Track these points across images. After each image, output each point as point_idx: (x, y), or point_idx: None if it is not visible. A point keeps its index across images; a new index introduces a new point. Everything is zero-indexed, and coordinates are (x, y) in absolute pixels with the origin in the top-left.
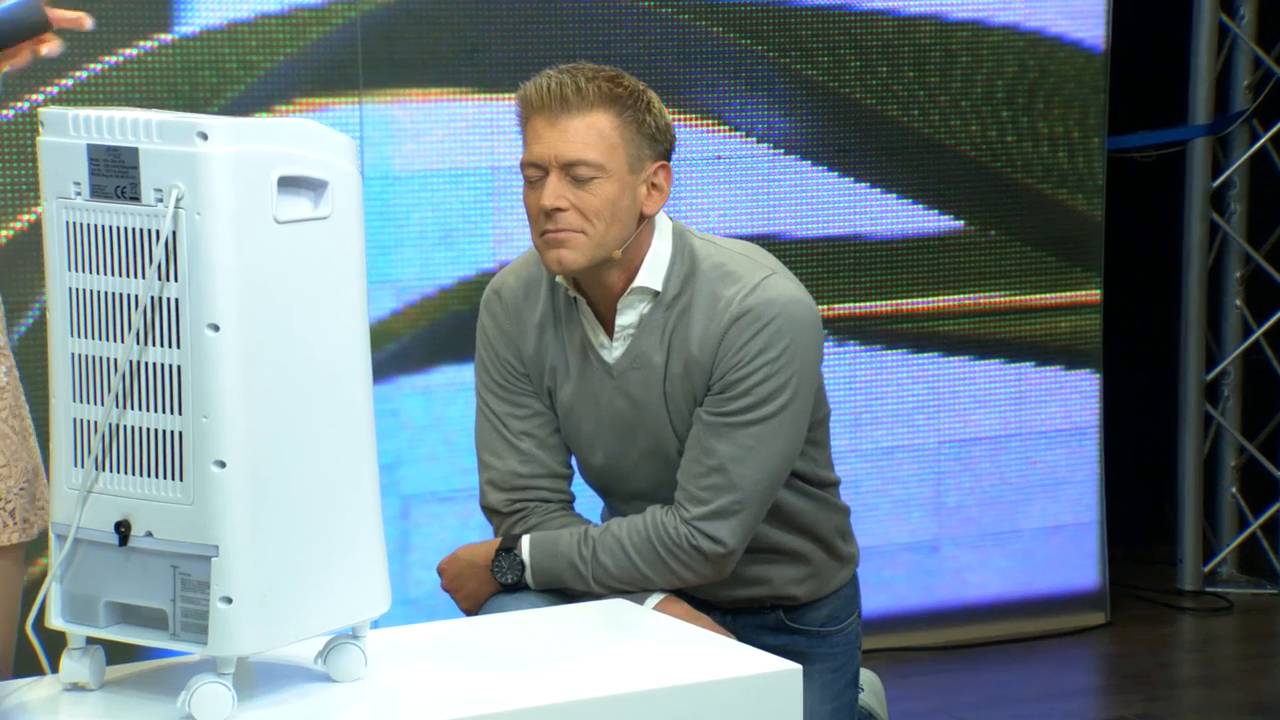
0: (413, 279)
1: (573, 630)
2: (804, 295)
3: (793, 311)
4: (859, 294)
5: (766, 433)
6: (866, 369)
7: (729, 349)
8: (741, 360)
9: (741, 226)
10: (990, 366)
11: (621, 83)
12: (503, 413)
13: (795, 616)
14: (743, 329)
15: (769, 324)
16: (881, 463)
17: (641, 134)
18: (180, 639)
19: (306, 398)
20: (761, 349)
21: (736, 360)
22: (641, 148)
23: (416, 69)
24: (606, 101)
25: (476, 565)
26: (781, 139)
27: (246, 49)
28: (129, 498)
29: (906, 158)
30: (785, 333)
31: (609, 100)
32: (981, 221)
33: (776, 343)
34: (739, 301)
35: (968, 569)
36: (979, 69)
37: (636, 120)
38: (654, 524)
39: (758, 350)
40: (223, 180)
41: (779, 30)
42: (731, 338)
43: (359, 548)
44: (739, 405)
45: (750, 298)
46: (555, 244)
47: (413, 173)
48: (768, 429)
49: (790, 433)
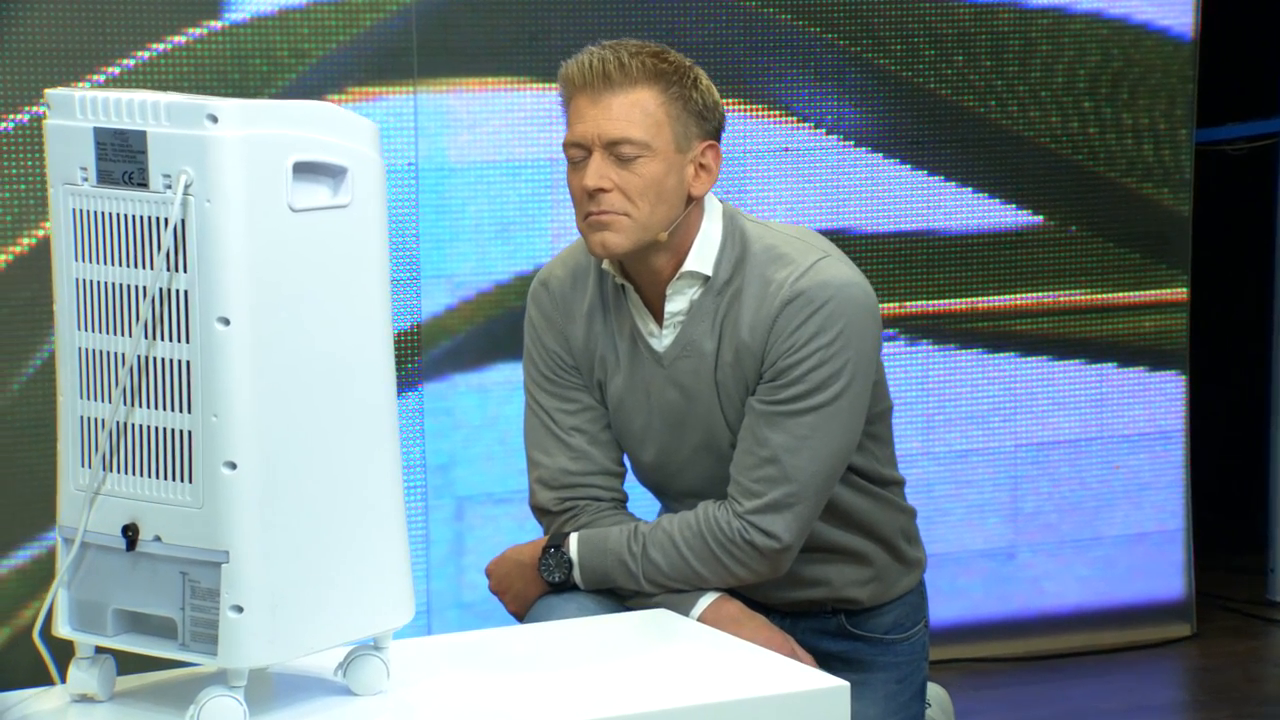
0: (468, 274)
1: (610, 641)
2: (859, 278)
3: (847, 295)
4: (932, 291)
5: (821, 421)
6: (940, 369)
7: (780, 334)
8: (794, 345)
9: (809, 220)
10: (1070, 367)
11: (667, 58)
12: (552, 407)
13: (858, 622)
14: (795, 313)
15: (822, 307)
16: (955, 466)
17: (688, 111)
18: (190, 649)
19: (323, 396)
20: (815, 333)
21: (788, 345)
22: (689, 125)
23: (473, 57)
24: (651, 77)
25: (524, 565)
26: (852, 130)
27: (299, 36)
28: (137, 500)
29: (983, 150)
30: (839, 316)
31: (654, 76)
32: (1062, 216)
33: (830, 327)
34: (790, 284)
35: (1045, 577)
36: (1060, 58)
37: (683, 96)
38: (706, 518)
39: (810, 335)
40: (234, 165)
41: (850, 18)
42: (783, 322)
43: (380, 555)
44: (792, 393)
45: (802, 280)
46: (599, 226)
47: (469, 164)
48: (822, 417)
49: (847, 422)
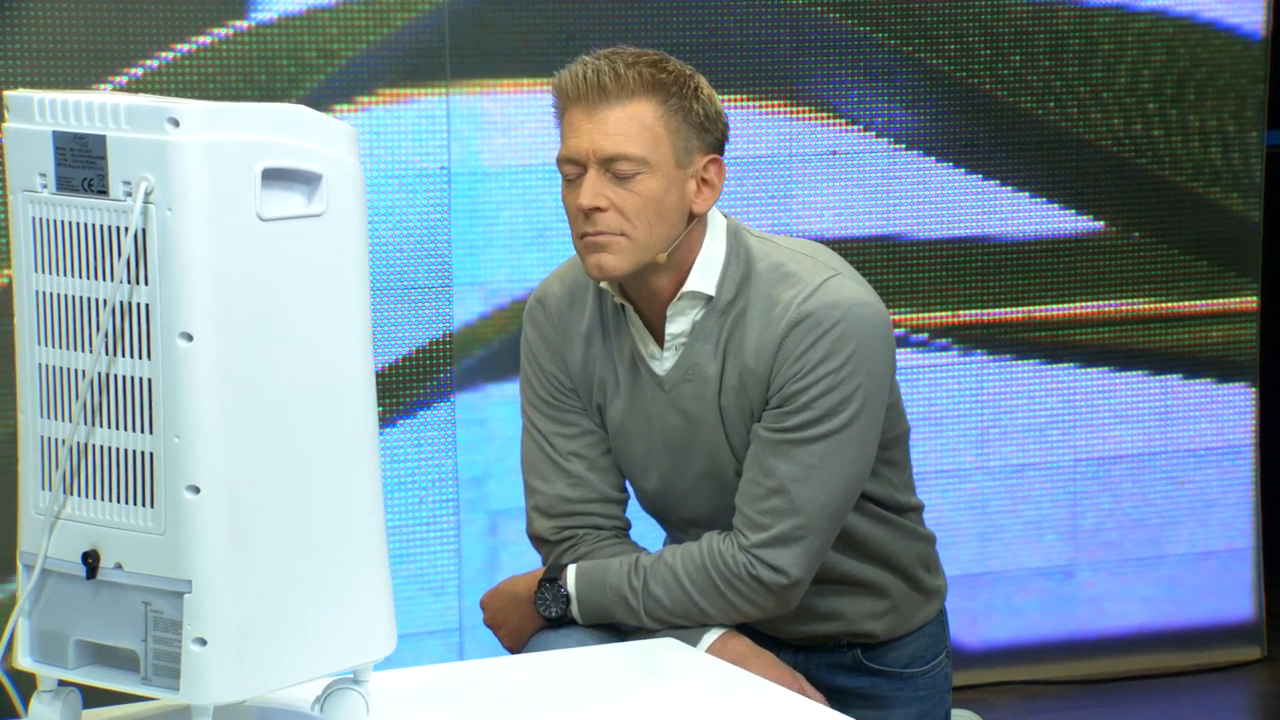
0: (502, 281)
1: (606, 673)
2: (871, 297)
3: (858, 315)
4: (987, 300)
5: (831, 450)
6: (995, 380)
7: (786, 358)
8: (800, 370)
9: (858, 227)
10: (1133, 379)
11: (665, 68)
12: (549, 431)
13: (875, 656)
14: (801, 335)
15: (830, 329)
16: (1011, 481)
17: (689, 123)
18: (152, 683)
19: (295, 417)
20: (822, 357)
21: (795, 370)
22: (689, 139)
23: (508, 58)
24: (649, 89)
25: (519, 598)
26: (903, 133)
27: (327, 37)
28: (97, 525)
29: (1041, 153)
30: (849, 339)
31: (651, 87)
32: (1124, 222)
33: (839, 350)
34: (797, 305)
35: (1106, 597)
36: (1123, 57)
37: (683, 108)
38: (710, 552)
39: (819, 359)
40: (196, 172)
41: (901, 16)
42: (789, 346)
43: (359, 584)
44: (799, 420)
45: (810, 301)
46: (595, 248)
47: (503, 168)
48: (831, 446)
49: (858, 450)
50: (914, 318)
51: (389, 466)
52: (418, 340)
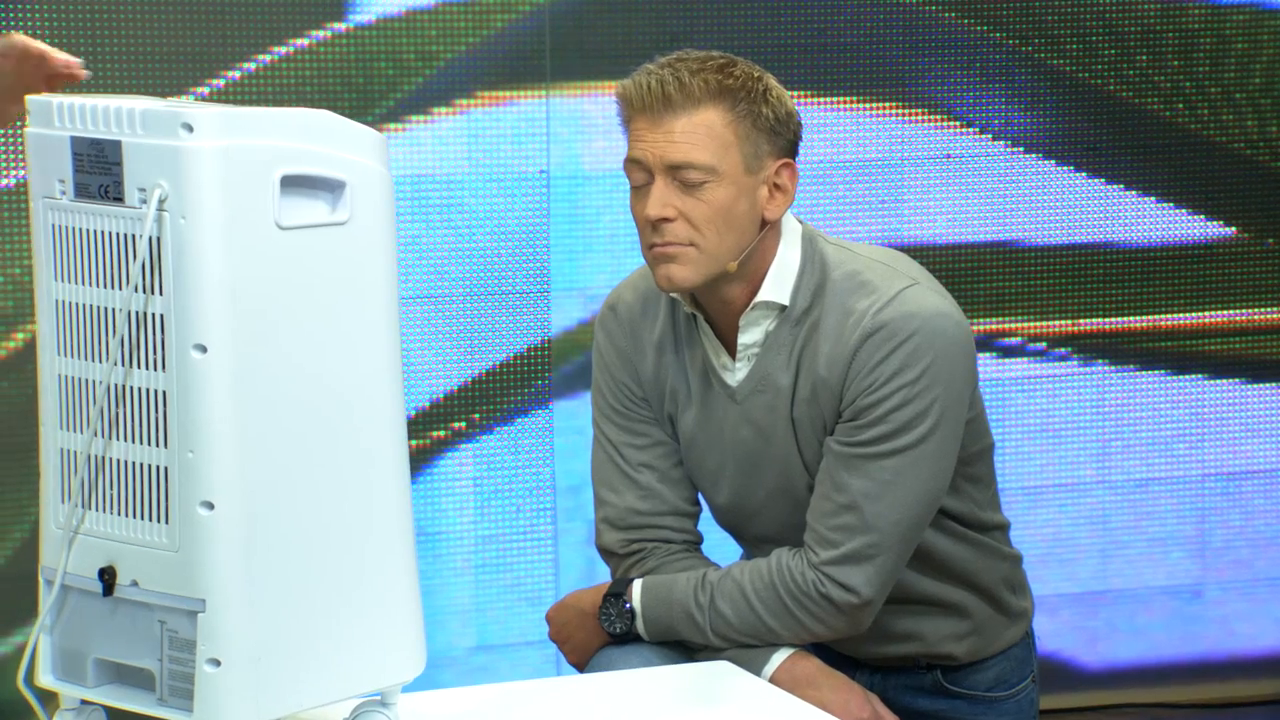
0: (602, 286)
1: (653, 699)
2: (950, 308)
3: (935, 326)
4: (1109, 308)
5: (905, 466)
6: (1117, 391)
7: (860, 370)
8: (875, 383)
9: (973, 232)
10: (1265, 391)
11: (732, 72)
12: (620, 442)
13: (956, 678)
14: (875, 347)
15: (906, 341)
16: (1134, 496)
17: (758, 128)
18: (167, 704)
19: (314, 432)
20: (898, 370)
21: (869, 383)
22: (759, 144)
23: (609, 59)
24: (715, 95)
25: (585, 613)
26: (1021, 136)
27: (426, 38)
28: (115, 541)
29: (1168, 157)
30: (925, 351)
31: (718, 94)
32: (1257, 228)
33: (915, 362)
34: (872, 315)
35: (1236, 618)
36: (1257, 57)
37: (752, 113)
38: (779, 568)
39: (893, 371)
40: (210, 179)
41: (1020, 15)
42: (863, 357)
43: (385, 603)
44: (873, 434)
45: (885, 311)
46: (664, 259)
47: (603, 172)
48: (906, 461)
49: (934, 466)
50: (1031, 326)
51: (487, 474)
52: (516, 346)
